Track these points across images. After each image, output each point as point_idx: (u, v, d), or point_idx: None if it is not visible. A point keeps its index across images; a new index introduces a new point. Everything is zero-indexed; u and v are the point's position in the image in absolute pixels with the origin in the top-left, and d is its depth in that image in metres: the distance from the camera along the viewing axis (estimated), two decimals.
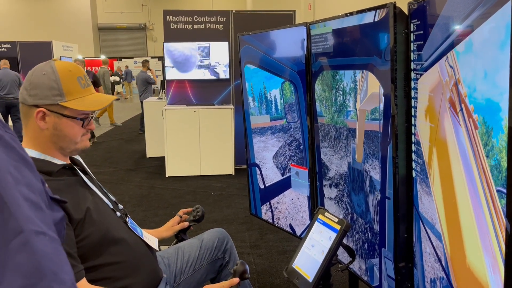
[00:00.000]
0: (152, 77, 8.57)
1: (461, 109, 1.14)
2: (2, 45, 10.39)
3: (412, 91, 1.45)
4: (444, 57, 1.20)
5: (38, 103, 1.22)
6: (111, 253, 1.28)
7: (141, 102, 8.01)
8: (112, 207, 1.38)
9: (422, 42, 1.34)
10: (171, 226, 1.75)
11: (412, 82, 1.45)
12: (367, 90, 1.66)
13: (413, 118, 1.47)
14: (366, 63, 1.65)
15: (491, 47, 1.02)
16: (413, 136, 1.49)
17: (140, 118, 8.34)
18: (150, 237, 1.48)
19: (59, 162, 1.27)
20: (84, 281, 1.17)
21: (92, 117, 1.34)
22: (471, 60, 1.09)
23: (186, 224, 1.75)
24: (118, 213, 1.39)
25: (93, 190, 1.34)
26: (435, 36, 1.27)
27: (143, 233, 1.47)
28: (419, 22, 1.36)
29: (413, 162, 1.50)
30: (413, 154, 1.50)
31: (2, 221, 0.39)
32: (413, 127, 1.48)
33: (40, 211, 0.44)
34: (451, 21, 1.18)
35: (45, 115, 1.23)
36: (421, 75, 1.38)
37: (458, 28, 1.15)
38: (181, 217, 1.78)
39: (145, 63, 8.84)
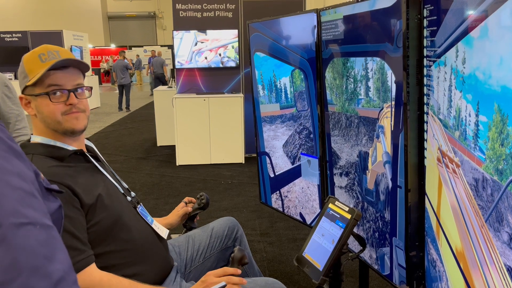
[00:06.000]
0: (129, 64, 10.98)
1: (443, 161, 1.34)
2: (14, 35, 10.46)
3: (425, 78, 1.43)
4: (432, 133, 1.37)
5: (21, 92, 1.28)
6: (122, 239, 1.29)
7: (121, 86, 10.56)
8: (123, 192, 1.39)
9: (436, 28, 1.31)
10: (177, 211, 1.75)
11: (425, 69, 1.42)
12: (376, 156, 1.73)
13: (425, 106, 1.45)
14: (377, 50, 1.63)
15: (507, 32, 0.99)
16: (425, 124, 1.46)
17: (119, 98, 10.88)
18: (160, 227, 1.49)
19: (70, 147, 1.28)
20: (93, 266, 1.18)
21: (71, 91, 1.25)
22: (486, 46, 1.07)
23: (190, 209, 1.74)
24: (129, 198, 1.40)
25: (106, 177, 1.35)
26: (449, 22, 1.24)
27: (154, 222, 1.48)
28: (432, 7, 1.33)
29: (424, 151, 1.48)
30: (425, 142, 1.48)
31: None
32: (425, 115, 1.46)
33: (33, 197, 0.43)
34: (466, 6, 1.15)
35: (28, 102, 1.27)
36: (434, 61, 1.35)
37: (472, 13, 1.12)
38: (186, 203, 1.78)
39: (121, 53, 11.21)
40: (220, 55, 5.31)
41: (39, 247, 0.40)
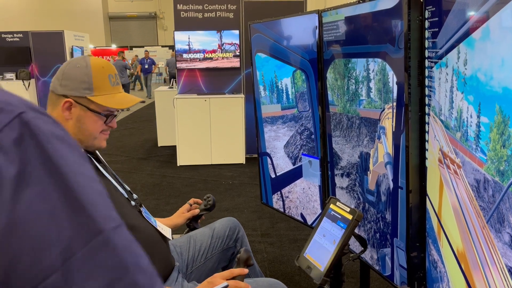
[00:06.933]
0: (128, 65, 11.73)
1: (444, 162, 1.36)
2: (15, 35, 10.47)
3: (426, 80, 1.43)
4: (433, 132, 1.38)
5: (67, 93, 1.27)
6: None
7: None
8: (126, 196, 1.40)
9: (437, 29, 1.32)
10: (182, 213, 1.76)
11: (426, 70, 1.42)
12: (378, 157, 1.73)
13: (426, 107, 1.45)
14: (379, 51, 1.63)
15: (508, 34, 0.99)
16: (426, 125, 1.47)
17: None
18: (164, 227, 1.50)
19: None
20: None
21: (116, 116, 1.36)
22: (488, 47, 1.07)
23: (197, 211, 1.75)
24: (133, 202, 1.40)
25: (108, 179, 1.36)
26: (450, 23, 1.24)
27: (157, 222, 1.48)
28: (434, 8, 1.33)
29: (426, 152, 1.49)
30: (426, 143, 1.48)
31: (82, 224, 0.39)
32: (426, 116, 1.46)
33: (108, 198, 0.44)
34: (467, 8, 1.16)
35: (71, 106, 1.27)
36: (435, 63, 1.36)
37: (474, 14, 1.12)
38: (191, 205, 1.79)
39: (120, 54, 12.01)
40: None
41: (133, 246, 0.44)
